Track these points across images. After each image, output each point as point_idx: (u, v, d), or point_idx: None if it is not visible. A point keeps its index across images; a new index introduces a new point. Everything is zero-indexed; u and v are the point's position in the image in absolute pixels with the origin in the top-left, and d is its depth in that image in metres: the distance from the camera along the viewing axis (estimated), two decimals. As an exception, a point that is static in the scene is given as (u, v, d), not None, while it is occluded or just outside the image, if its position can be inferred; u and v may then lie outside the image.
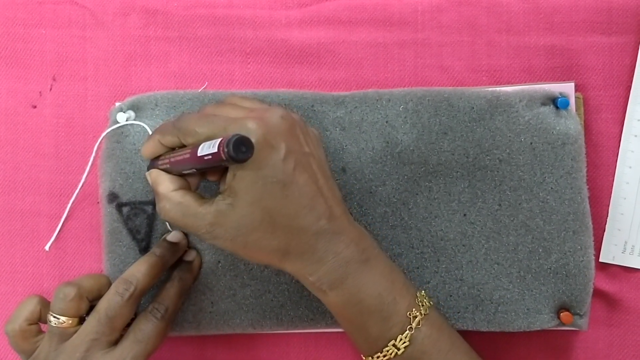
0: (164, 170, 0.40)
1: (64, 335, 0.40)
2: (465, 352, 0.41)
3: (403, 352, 0.39)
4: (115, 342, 0.40)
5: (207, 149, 0.35)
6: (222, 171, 0.40)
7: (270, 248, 0.38)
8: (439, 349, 0.40)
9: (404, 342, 0.39)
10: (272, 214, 0.37)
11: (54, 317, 0.40)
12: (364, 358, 0.41)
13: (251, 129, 0.36)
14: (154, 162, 0.42)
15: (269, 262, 0.39)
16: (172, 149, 0.40)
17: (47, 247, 0.48)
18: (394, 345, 0.39)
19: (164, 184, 0.40)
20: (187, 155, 0.37)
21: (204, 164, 0.36)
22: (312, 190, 0.38)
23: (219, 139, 0.34)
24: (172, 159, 0.39)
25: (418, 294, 0.41)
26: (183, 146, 0.39)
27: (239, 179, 0.37)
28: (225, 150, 0.34)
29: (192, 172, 0.39)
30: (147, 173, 0.42)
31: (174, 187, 0.40)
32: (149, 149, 0.41)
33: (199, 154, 0.36)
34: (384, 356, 0.39)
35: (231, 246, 0.38)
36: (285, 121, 0.38)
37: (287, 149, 0.37)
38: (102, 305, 0.40)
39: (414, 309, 0.39)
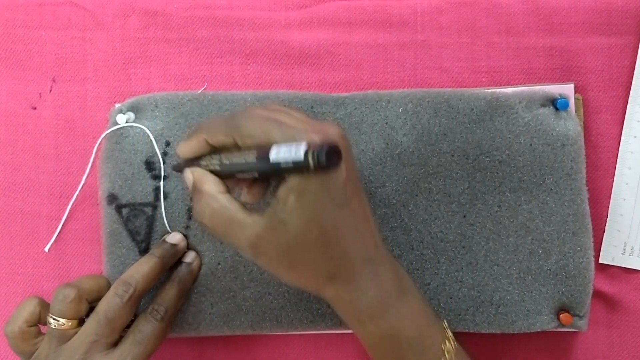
0: (211, 171, 0.38)
1: (64, 337, 0.40)
2: None
3: None
4: (115, 344, 0.41)
5: (285, 154, 0.33)
6: (267, 182, 0.38)
7: (318, 271, 0.37)
8: None
9: None
10: (328, 236, 0.36)
11: (54, 319, 0.40)
12: None
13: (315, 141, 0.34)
14: (190, 162, 0.40)
15: (310, 286, 0.38)
16: (216, 150, 0.38)
17: (46, 249, 0.48)
18: None
19: (211, 184, 0.38)
20: (253, 159, 0.35)
21: (270, 169, 0.34)
22: (364, 217, 0.37)
23: (301, 145, 0.32)
24: (229, 161, 0.37)
25: (445, 326, 0.40)
26: (231, 148, 0.37)
27: (299, 194, 0.35)
28: (316, 158, 0.32)
29: (250, 176, 0.37)
30: (187, 170, 0.39)
31: (222, 189, 0.38)
32: (191, 148, 0.39)
33: (272, 159, 0.33)
34: None
35: (276, 265, 0.37)
36: (344, 141, 0.37)
37: (347, 170, 0.36)
38: (102, 307, 0.40)
39: (446, 341, 0.39)
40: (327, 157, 0.32)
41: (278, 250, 0.36)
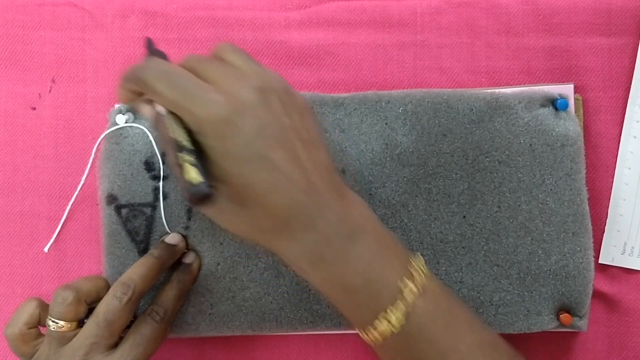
0: None
1: (64, 339, 0.40)
2: (466, 320, 0.38)
3: (398, 330, 0.36)
4: (115, 345, 0.40)
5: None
6: None
7: (243, 225, 0.37)
8: (437, 321, 0.37)
9: (399, 319, 0.36)
10: (242, 192, 0.36)
11: (53, 321, 0.40)
12: (359, 332, 0.38)
13: (214, 104, 0.35)
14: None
15: (246, 238, 0.39)
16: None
17: (46, 249, 0.48)
18: (386, 319, 0.36)
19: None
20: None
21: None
22: (289, 167, 0.36)
23: (184, 169, 0.34)
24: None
25: (414, 262, 0.38)
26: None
27: (212, 161, 0.36)
28: (186, 195, 0.34)
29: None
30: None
31: None
32: (123, 95, 0.40)
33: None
34: (376, 330, 0.37)
35: (218, 221, 0.39)
36: (258, 94, 0.36)
37: (259, 125, 0.35)
38: (101, 309, 0.40)
39: (406, 280, 0.37)
40: (194, 202, 0.34)
41: (209, 212, 0.38)
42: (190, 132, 0.36)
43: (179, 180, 0.35)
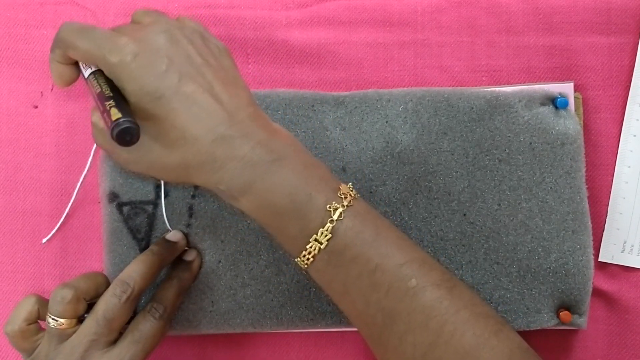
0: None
1: (63, 336, 0.40)
2: (393, 240, 0.38)
3: (326, 246, 0.37)
4: (114, 342, 0.41)
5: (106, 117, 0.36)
6: None
7: (172, 164, 0.38)
8: (363, 239, 0.37)
9: (326, 235, 0.37)
10: (163, 130, 0.37)
11: (52, 319, 0.40)
12: (296, 261, 0.39)
13: (123, 48, 0.37)
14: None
15: (180, 180, 0.39)
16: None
17: (44, 241, 0.48)
18: (316, 240, 0.37)
19: (95, 115, 0.40)
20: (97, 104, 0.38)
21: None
22: (204, 99, 0.37)
23: (109, 112, 0.35)
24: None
25: (342, 187, 0.38)
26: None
27: (132, 104, 0.37)
28: (112, 134, 0.35)
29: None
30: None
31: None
32: (54, 73, 0.41)
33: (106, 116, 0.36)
34: (309, 253, 0.37)
35: (142, 168, 0.39)
36: (166, 35, 0.38)
37: (168, 62, 0.37)
38: (100, 307, 0.40)
39: (334, 202, 0.37)
40: (119, 137, 0.35)
41: (132, 156, 0.39)
42: (111, 84, 0.38)
43: (107, 127, 0.36)
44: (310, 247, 0.37)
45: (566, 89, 0.46)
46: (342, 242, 0.37)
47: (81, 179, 0.48)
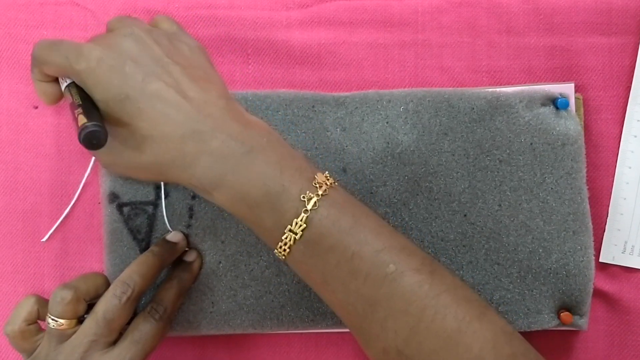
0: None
1: (63, 336, 0.40)
2: (371, 227, 0.38)
3: (301, 236, 0.37)
4: (114, 342, 0.41)
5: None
6: None
7: (145, 163, 0.38)
8: (339, 227, 0.37)
9: (300, 226, 0.36)
10: (132, 131, 0.37)
11: (52, 319, 0.40)
12: (274, 252, 0.39)
13: (88, 54, 0.37)
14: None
15: (155, 178, 0.40)
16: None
17: (44, 240, 0.48)
18: (290, 230, 0.37)
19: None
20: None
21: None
22: (170, 96, 0.37)
23: (77, 119, 0.36)
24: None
25: (317, 176, 0.38)
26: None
27: (102, 111, 0.38)
28: (80, 140, 0.35)
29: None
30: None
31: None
32: (39, 92, 0.41)
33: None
34: (285, 244, 0.37)
35: (121, 170, 0.40)
36: (130, 38, 0.38)
37: (131, 64, 0.37)
38: (100, 307, 0.40)
39: (308, 192, 0.37)
40: (86, 142, 0.35)
41: (107, 159, 0.39)
42: (82, 93, 0.38)
43: (77, 133, 0.36)
44: (286, 237, 0.37)
45: (567, 89, 0.46)
46: (318, 232, 0.37)
47: (84, 180, 0.47)
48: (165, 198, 0.45)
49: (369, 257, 0.37)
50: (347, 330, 0.47)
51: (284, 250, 0.38)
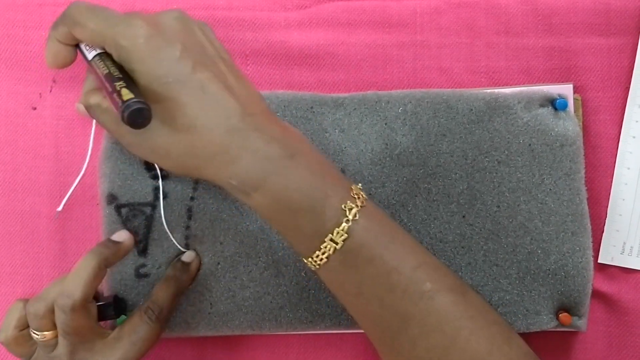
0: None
1: (49, 346, 0.41)
2: (407, 243, 0.38)
3: (342, 246, 0.36)
4: (100, 335, 0.41)
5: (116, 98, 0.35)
6: None
7: (178, 152, 0.36)
8: (378, 240, 0.37)
9: (342, 235, 0.36)
10: (173, 114, 0.36)
11: (34, 333, 0.40)
12: (305, 261, 0.38)
13: (137, 28, 0.35)
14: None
15: (186, 171, 0.38)
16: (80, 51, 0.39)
17: (59, 209, 0.46)
18: (331, 240, 0.36)
19: (94, 95, 0.39)
20: (102, 84, 0.37)
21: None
22: (218, 89, 0.36)
23: (119, 93, 0.34)
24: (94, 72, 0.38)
25: (353, 187, 0.38)
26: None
27: (142, 87, 0.36)
28: (123, 115, 0.33)
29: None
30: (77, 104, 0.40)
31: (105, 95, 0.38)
32: (50, 52, 0.39)
33: (113, 97, 0.35)
34: (323, 253, 0.36)
35: (145, 153, 0.38)
36: (179, 22, 0.37)
37: (182, 48, 0.36)
38: (57, 324, 0.40)
39: (348, 202, 0.36)
40: (131, 119, 0.34)
41: (136, 140, 0.37)
42: (118, 66, 0.37)
43: (116, 108, 0.35)
44: (325, 247, 0.36)
45: (565, 90, 0.46)
46: (358, 243, 0.36)
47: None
48: (163, 199, 0.45)
49: (407, 273, 0.37)
50: (345, 331, 0.47)
51: (320, 259, 0.37)
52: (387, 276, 0.37)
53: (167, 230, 0.45)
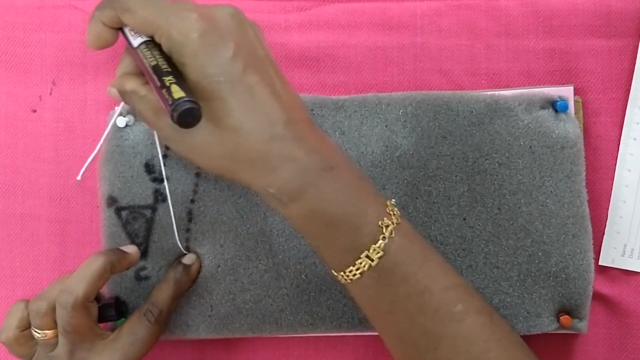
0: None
1: (50, 345, 0.41)
2: (439, 263, 0.38)
3: (377, 264, 0.36)
4: (100, 335, 0.41)
5: (166, 95, 0.33)
6: None
7: (218, 153, 0.36)
8: (413, 259, 0.37)
9: (378, 253, 0.35)
10: (218, 114, 0.35)
11: (36, 332, 0.40)
12: (335, 274, 0.38)
13: (192, 22, 0.34)
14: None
15: (222, 171, 0.37)
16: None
17: (78, 178, 0.45)
18: (367, 256, 0.36)
19: (131, 81, 0.37)
20: (149, 76, 0.35)
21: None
22: (265, 93, 0.35)
23: (169, 89, 0.33)
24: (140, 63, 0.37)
25: (388, 203, 0.37)
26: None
27: (190, 82, 0.35)
28: (173, 114, 0.32)
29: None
30: (109, 88, 0.39)
31: (143, 81, 0.37)
32: (92, 32, 0.38)
33: (160, 93, 0.34)
34: (357, 269, 0.36)
35: (183, 149, 0.37)
36: (234, 19, 0.36)
37: (236, 47, 0.35)
38: (58, 322, 0.40)
39: (385, 218, 0.36)
40: (180, 119, 0.32)
41: (177, 134, 0.36)
42: (166, 57, 0.36)
43: (165, 104, 0.34)
44: (360, 263, 0.36)
45: (566, 92, 0.46)
46: (394, 261, 0.36)
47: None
48: (163, 202, 0.45)
49: (439, 293, 0.37)
50: (346, 333, 0.47)
51: (354, 274, 0.36)
52: (419, 296, 0.36)
53: (175, 231, 0.45)
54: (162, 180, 0.45)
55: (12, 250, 0.49)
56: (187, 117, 0.33)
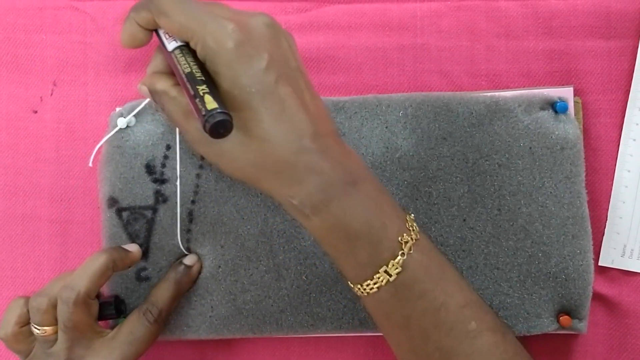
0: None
1: (49, 341, 0.41)
2: (455, 280, 0.38)
3: (395, 279, 0.36)
4: (98, 332, 0.42)
5: (199, 103, 0.34)
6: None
7: (244, 161, 0.36)
8: (430, 276, 0.37)
9: (396, 268, 0.36)
10: (248, 124, 0.35)
11: (35, 328, 0.41)
12: (352, 286, 0.38)
13: (229, 31, 0.34)
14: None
15: (246, 179, 0.37)
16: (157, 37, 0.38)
17: (90, 164, 0.45)
18: (385, 271, 0.36)
19: (162, 81, 0.38)
20: (183, 84, 0.36)
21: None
22: (296, 105, 0.35)
23: (202, 99, 0.33)
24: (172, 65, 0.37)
25: (408, 218, 0.38)
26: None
27: (221, 90, 0.35)
28: (205, 124, 0.33)
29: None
30: (139, 85, 0.39)
31: (174, 82, 0.37)
32: (126, 32, 0.38)
33: (195, 105, 0.34)
34: (374, 283, 0.36)
35: (209, 153, 0.37)
36: (270, 30, 0.36)
37: (269, 59, 0.35)
38: (58, 318, 0.40)
39: (404, 234, 0.37)
40: (213, 130, 0.33)
41: (207, 138, 0.35)
42: (199, 64, 0.36)
43: (198, 114, 0.34)
44: (378, 277, 0.36)
45: (566, 93, 0.46)
46: (412, 277, 0.36)
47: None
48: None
49: (454, 311, 0.37)
50: (346, 334, 0.47)
51: (371, 288, 0.37)
52: (435, 312, 0.37)
53: (178, 231, 0.45)
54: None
55: (13, 251, 0.49)
56: (219, 129, 0.33)
